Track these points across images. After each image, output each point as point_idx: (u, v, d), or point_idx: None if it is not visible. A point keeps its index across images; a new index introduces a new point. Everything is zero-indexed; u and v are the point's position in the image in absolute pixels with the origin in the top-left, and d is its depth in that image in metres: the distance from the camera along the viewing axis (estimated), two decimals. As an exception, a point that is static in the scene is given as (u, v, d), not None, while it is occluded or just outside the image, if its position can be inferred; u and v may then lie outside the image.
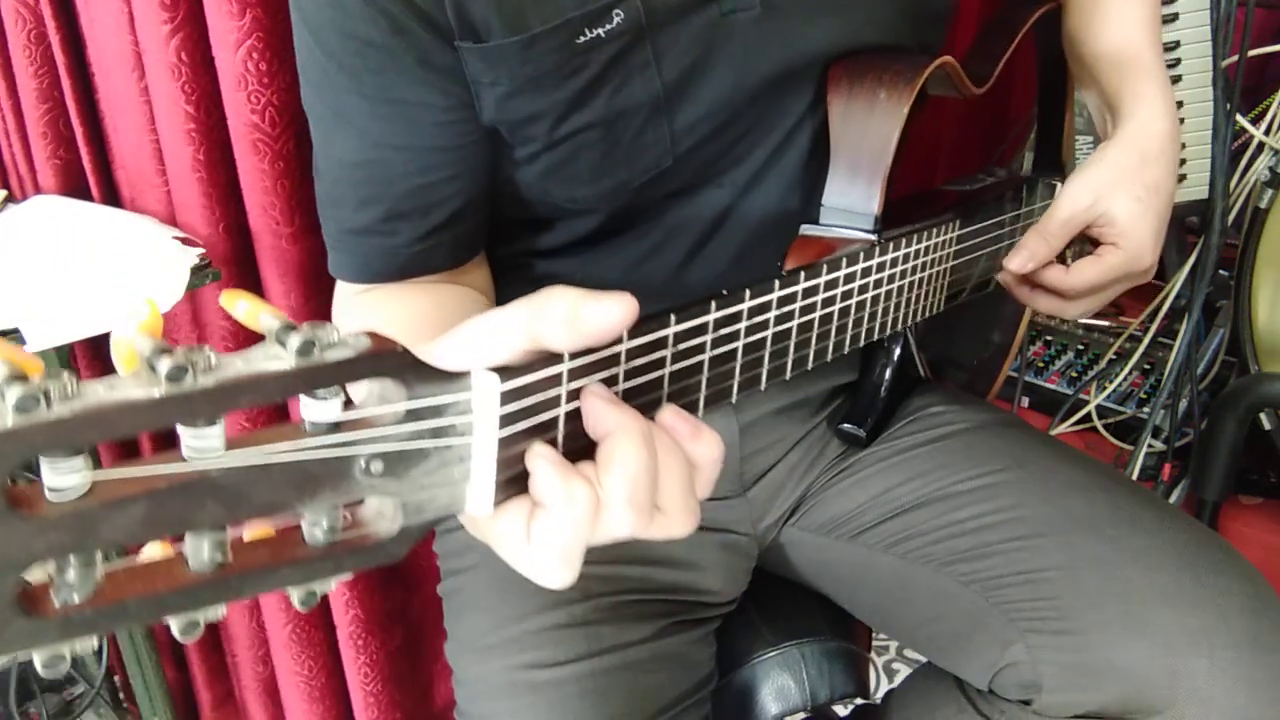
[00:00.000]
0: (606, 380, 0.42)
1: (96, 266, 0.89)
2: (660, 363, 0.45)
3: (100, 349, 1.12)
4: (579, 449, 0.41)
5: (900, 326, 0.72)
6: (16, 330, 0.83)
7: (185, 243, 0.95)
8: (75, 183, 1.05)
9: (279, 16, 0.87)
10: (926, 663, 0.85)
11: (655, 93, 0.67)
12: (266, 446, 0.31)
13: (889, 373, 0.84)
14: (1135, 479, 1.42)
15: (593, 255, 0.78)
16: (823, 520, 0.85)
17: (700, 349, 0.48)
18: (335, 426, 0.33)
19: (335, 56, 0.65)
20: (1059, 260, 0.77)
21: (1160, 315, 1.46)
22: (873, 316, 0.67)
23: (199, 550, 0.31)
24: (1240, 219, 1.36)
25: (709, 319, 0.48)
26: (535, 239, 0.79)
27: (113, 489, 0.29)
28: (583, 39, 0.64)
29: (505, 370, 0.38)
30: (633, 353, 0.43)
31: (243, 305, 0.33)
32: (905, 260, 0.69)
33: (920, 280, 0.73)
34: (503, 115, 0.67)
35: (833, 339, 0.62)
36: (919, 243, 0.71)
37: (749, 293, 0.51)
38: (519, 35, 0.63)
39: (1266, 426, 1.32)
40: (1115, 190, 0.74)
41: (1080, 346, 1.62)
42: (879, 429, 0.85)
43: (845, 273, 0.61)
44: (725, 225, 0.76)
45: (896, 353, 0.84)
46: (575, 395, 0.41)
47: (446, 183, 0.69)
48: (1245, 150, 1.33)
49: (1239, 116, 1.29)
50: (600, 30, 0.64)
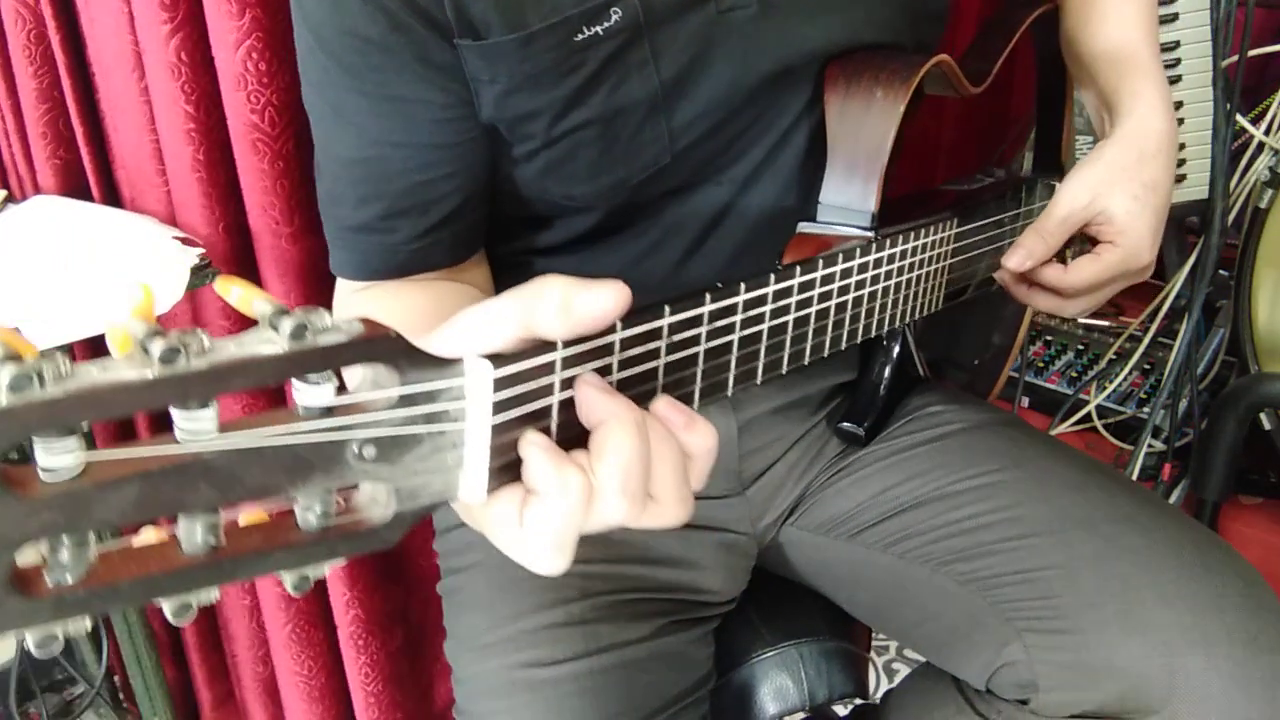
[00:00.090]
0: (600, 370, 0.42)
1: (96, 266, 0.89)
2: (655, 353, 0.45)
3: (100, 349, 1.12)
4: (572, 438, 0.41)
5: (897, 324, 0.72)
6: (17, 330, 0.83)
7: (185, 243, 0.95)
8: (75, 183, 1.05)
9: (279, 16, 0.87)
10: (925, 663, 0.85)
11: (653, 90, 0.67)
12: (259, 430, 0.31)
13: (888, 371, 0.84)
14: (1135, 479, 1.42)
15: (591, 253, 0.78)
16: (821, 519, 0.85)
17: (695, 340, 0.48)
18: (328, 411, 0.33)
19: (335, 54, 0.65)
20: (1057, 259, 0.77)
21: (1160, 315, 1.46)
22: (869, 313, 0.67)
23: (192, 533, 0.31)
24: (1240, 219, 1.36)
25: (704, 310, 0.48)
26: (534, 237, 0.79)
27: (106, 470, 0.29)
28: (581, 36, 0.64)
29: (498, 357, 0.38)
30: (627, 343, 0.43)
31: (236, 291, 0.33)
32: (902, 257, 0.69)
33: (917, 278, 0.73)
34: (501, 113, 0.67)
35: (829, 334, 0.62)
36: (915, 240, 0.71)
37: (744, 286, 0.51)
38: (518, 33, 0.63)
39: (1266, 426, 1.32)
40: (1113, 188, 0.74)
41: (1080, 346, 1.62)
42: (878, 428, 0.85)
43: (841, 268, 0.61)
44: (723, 223, 0.76)
45: (895, 351, 0.84)
46: (569, 384, 0.41)
47: (445, 180, 0.69)
48: (1245, 150, 1.34)
49: (1239, 116, 1.29)
50: (598, 28, 0.64)
